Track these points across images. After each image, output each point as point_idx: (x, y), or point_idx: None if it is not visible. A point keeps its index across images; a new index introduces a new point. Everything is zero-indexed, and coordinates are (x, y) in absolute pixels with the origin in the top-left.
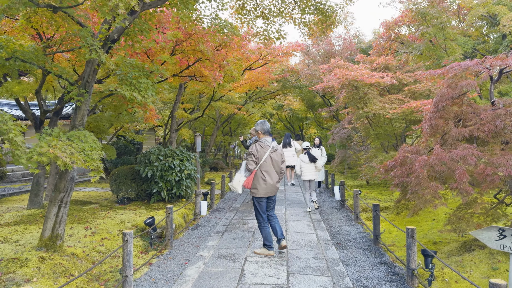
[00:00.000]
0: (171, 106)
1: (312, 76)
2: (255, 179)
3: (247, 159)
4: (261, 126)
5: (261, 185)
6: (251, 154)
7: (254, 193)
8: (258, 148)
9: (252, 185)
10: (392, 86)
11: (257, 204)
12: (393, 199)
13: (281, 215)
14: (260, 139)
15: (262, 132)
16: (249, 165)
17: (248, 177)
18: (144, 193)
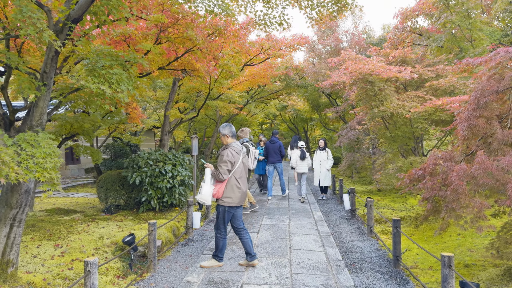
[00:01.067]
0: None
1: (318, 74)
2: (229, 187)
3: (220, 166)
4: (229, 129)
5: (236, 193)
6: (227, 162)
7: (228, 203)
8: (234, 154)
9: (225, 194)
10: (409, 83)
11: (226, 214)
12: (408, 208)
13: (285, 227)
14: (231, 144)
15: (230, 135)
16: (223, 174)
17: (218, 185)
18: (134, 201)
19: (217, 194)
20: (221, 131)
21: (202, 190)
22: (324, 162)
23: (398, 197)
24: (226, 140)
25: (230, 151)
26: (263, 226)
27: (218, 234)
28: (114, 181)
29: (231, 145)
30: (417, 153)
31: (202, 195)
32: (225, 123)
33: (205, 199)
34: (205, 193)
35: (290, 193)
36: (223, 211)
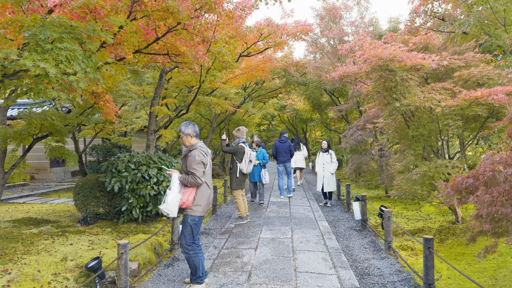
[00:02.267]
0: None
1: (321, 70)
2: (199, 194)
3: (195, 169)
4: (193, 128)
5: (206, 200)
6: (201, 163)
7: (198, 212)
8: (204, 155)
9: (195, 201)
10: (430, 74)
11: (194, 226)
12: (424, 216)
13: (287, 241)
14: (197, 145)
15: (194, 135)
16: (200, 177)
17: (187, 192)
18: (114, 210)
19: (186, 202)
20: (183, 130)
21: (167, 199)
22: (327, 165)
23: (410, 204)
24: (189, 140)
25: (199, 151)
26: (262, 241)
27: (189, 251)
28: (92, 187)
29: (197, 145)
30: (440, 155)
31: (167, 204)
32: (187, 121)
33: (171, 210)
34: (171, 202)
35: (291, 198)
36: (192, 222)
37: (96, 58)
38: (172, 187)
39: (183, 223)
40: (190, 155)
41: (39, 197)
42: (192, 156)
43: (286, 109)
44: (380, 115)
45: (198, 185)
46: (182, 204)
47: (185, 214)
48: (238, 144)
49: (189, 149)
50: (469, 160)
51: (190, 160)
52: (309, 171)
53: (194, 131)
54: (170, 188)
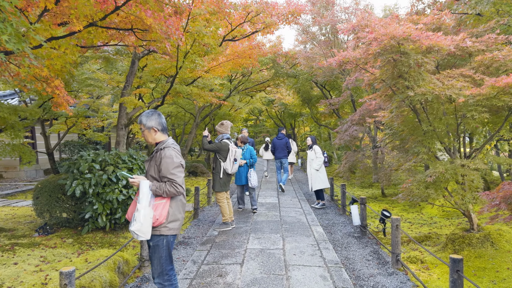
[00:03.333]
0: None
1: (312, 60)
2: (175, 205)
3: (175, 175)
4: (158, 120)
5: (182, 213)
6: (180, 165)
7: (172, 229)
8: (181, 155)
9: (170, 217)
10: (443, 60)
11: (166, 249)
12: (427, 220)
13: (278, 253)
14: (168, 142)
15: (160, 128)
16: (181, 185)
17: (160, 206)
18: (79, 216)
19: (160, 219)
20: (144, 122)
21: (139, 217)
22: (312, 162)
23: (409, 206)
24: (153, 135)
25: (174, 151)
26: (249, 253)
27: (165, 282)
28: (53, 191)
29: (169, 143)
30: (453, 153)
31: (141, 224)
32: (149, 111)
33: (145, 231)
34: (145, 220)
35: (281, 199)
36: (167, 244)
37: (20, 23)
38: (142, 200)
39: (154, 248)
40: (165, 156)
41: (2, 198)
42: (168, 157)
43: (274, 103)
44: (386, 107)
45: (176, 195)
46: (155, 222)
47: (157, 235)
48: (221, 140)
49: (159, 147)
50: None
51: (166, 162)
52: (298, 168)
53: (159, 124)
54: (139, 201)
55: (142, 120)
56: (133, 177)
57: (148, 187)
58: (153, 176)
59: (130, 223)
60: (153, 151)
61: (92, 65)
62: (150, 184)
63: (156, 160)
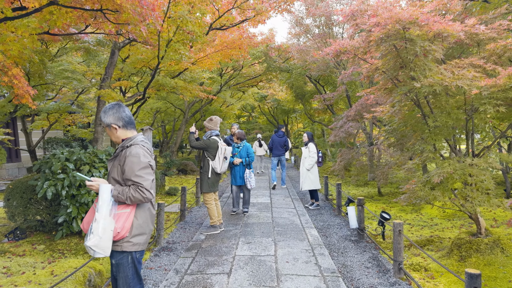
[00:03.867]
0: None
1: (306, 53)
2: (141, 215)
3: (142, 177)
4: (118, 114)
5: (150, 225)
6: (148, 166)
7: (137, 244)
8: (151, 155)
9: (135, 229)
10: (447, 50)
11: (132, 267)
12: (427, 221)
13: (270, 260)
14: (137, 138)
15: (121, 124)
16: (150, 190)
17: (123, 216)
18: (53, 220)
19: (122, 232)
20: (102, 118)
21: (97, 229)
22: (305, 160)
23: (407, 205)
24: (115, 134)
25: (143, 150)
26: (238, 260)
27: None
28: (25, 191)
29: (137, 139)
30: (458, 151)
31: (99, 238)
32: (109, 104)
33: (104, 246)
34: (104, 233)
35: (273, 199)
36: (132, 262)
37: None
38: (102, 208)
39: (118, 267)
40: (130, 155)
41: None
42: (134, 156)
43: (267, 99)
44: (386, 101)
45: (143, 203)
46: (116, 235)
47: (120, 252)
48: (210, 137)
49: (124, 144)
50: None
51: (131, 162)
52: (291, 166)
53: (119, 119)
54: (98, 209)
55: (101, 116)
56: (92, 180)
57: (109, 192)
58: (116, 178)
59: (86, 237)
60: (116, 149)
61: (75, 58)
62: (112, 189)
63: (120, 160)
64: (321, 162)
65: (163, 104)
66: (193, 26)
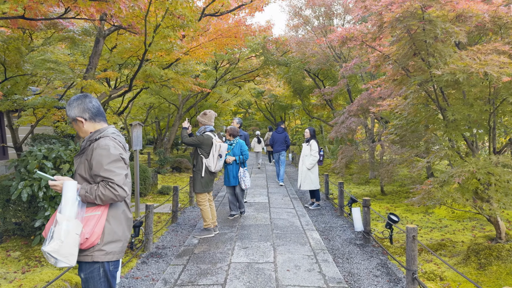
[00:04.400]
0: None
1: (305, 46)
2: (115, 220)
3: (113, 172)
4: (83, 106)
5: (126, 230)
6: (120, 159)
7: (111, 253)
8: (123, 148)
9: (106, 235)
10: (467, 35)
11: (105, 281)
12: (436, 222)
13: (269, 269)
14: (107, 130)
15: (88, 117)
16: (123, 186)
17: (93, 219)
18: (31, 223)
19: (92, 238)
20: (68, 112)
21: (58, 232)
22: (306, 158)
23: (412, 205)
24: (82, 128)
25: (114, 141)
26: (234, 269)
27: None
28: (1, 192)
29: (107, 131)
30: (477, 148)
31: (60, 242)
32: (76, 96)
33: (67, 252)
34: (67, 237)
35: (271, 198)
36: (104, 274)
37: None
38: (65, 209)
39: (88, 281)
40: (98, 147)
41: None
42: (102, 148)
43: (264, 95)
44: (394, 94)
45: (115, 202)
46: (84, 242)
47: (89, 262)
48: (203, 133)
49: (92, 137)
50: None
51: (99, 155)
52: (289, 163)
53: (85, 110)
54: (61, 210)
55: (66, 110)
56: (55, 178)
57: (74, 190)
58: (83, 176)
59: (44, 242)
60: (83, 141)
61: (63, 50)
62: (79, 187)
63: (87, 154)
64: (321, 161)
65: (156, 99)
66: (184, 9)
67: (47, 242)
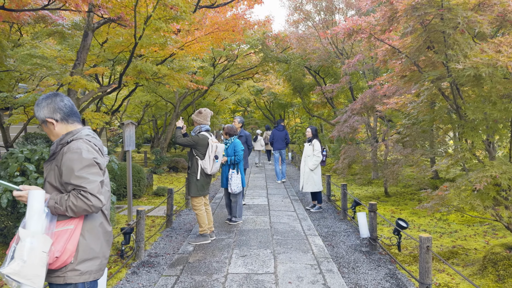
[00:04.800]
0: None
1: (306, 42)
2: (91, 234)
3: (85, 179)
4: (53, 105)
5: (104, 246)
6: (94, 164)
7: (87, 273)
8: (98, 152)
9: (83, 253)
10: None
11: None
12: (445, 227)
13: (269, 281)
14: (81, 132)
15: (59, 118)
16: (97, 195)
17: (64, 234)
18: (14, 229)
19: (63, 256)
20: (36, 113)
21: (20, 250)
22: (308, 159)
23: (418, 206)
24: (52, 130)
25: (87, 144)
26: (231, 281)
27: None
28: None
29: (81, 133)
30: (494, 150)
31: (22, 263)
32: (45, 95)
33: (30, 274)
34: (31, 256)
35: (271, 200)
36: None
37: None
38: (30, 222)
39: None
40: (69, 151)
41: None
42: (73, 151)
43: (263, 93)
44: (407, 91)
45: (90, 213)
46: (54, 261)
47: (61, 285)
48: (199, 132)
49: (64, 140)
50: None
51: (69, 159)
52: (288, 162)
53: (56, 110)
54: (26, 224)
55: (35, 110)
56: (19, 188)
57: (42, 201)
58: (53, 184)
59: (3, 262)
60: (53, 144)
61: (55, 45)
62: (47, 198)
63: (58, 160)
64: (324, 161)
65: (152, 97)
66: (177, 0)
67: (6, 262)
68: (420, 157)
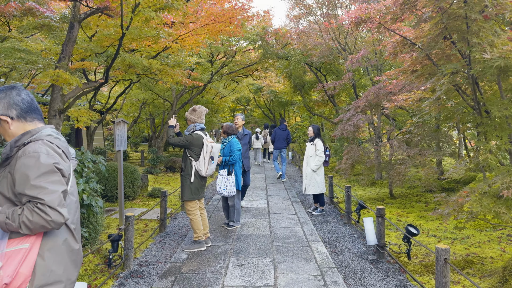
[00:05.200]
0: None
1: (308, 37)
2: (52, 254)
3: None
4: (8, 100)
5: (70, 268)
6: (55, 171)
7: None
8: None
9: (41, 277)
10: None
11: None
12: (455, 232)
13: None
14: (42, 131)
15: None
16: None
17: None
18: None
19: (15, 282)
20: None
21: None
22: (310, 159)
23: (425, 209)
24: (7, 130)
25: (47, 146)
26: None
27: None
28: None
29: (41, 134)
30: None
31: None
32: (0, 87)
33: None
34: None
35: (271, 202)
36: None
37: None
38: None
39: None
40: (24, 155)
41: None
42: (29, 155)
43: (262, 91)
44: (419, 87)
45: (49, 230)
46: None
47: None
48: (193, 132)
49: (20, 142)
50: None
51: (24, 166)
52: (288, 162)
53: (11, 105)
54: None
55: None
56: None
57: None
58: (5, 194)
59: None
60: (6, 146)
61: (45, 40)
62: None
63: (11, 165)
64: (327, 162)
65: (149, 95)
66: None
67: None
68: (429, 157)
